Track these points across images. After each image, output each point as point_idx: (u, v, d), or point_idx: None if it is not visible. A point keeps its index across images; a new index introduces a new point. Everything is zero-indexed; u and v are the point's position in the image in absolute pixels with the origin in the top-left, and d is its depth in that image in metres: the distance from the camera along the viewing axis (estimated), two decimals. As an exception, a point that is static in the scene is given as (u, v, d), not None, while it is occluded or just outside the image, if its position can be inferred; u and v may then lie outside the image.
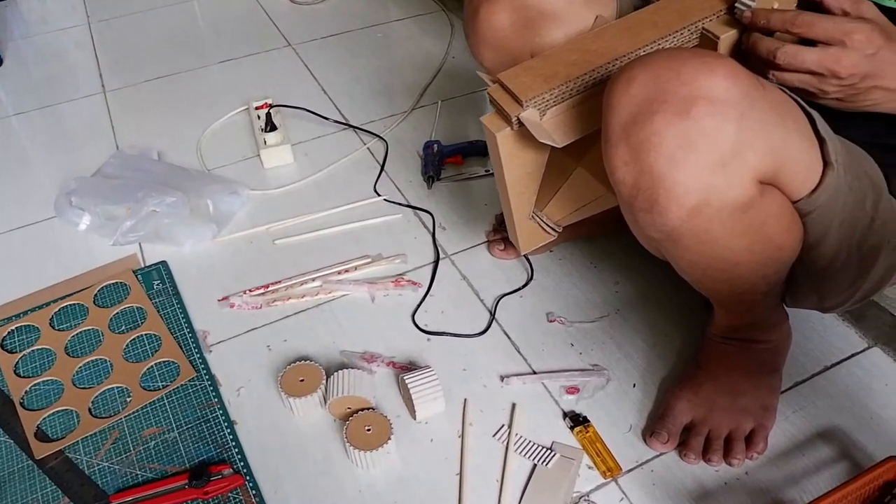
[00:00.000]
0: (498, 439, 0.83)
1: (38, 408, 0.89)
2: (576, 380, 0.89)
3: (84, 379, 0.92)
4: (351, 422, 0.81)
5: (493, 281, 1.02)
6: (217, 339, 0.96)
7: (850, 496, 0.66)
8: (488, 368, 0.91)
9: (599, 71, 0.69)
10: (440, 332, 0.95)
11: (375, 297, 1.00)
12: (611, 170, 0.61)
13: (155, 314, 0.99)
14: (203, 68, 1.57)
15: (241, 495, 0.79)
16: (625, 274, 1.02)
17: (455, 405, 0.87)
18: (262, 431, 0.86)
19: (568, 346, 0.93)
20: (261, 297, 1.01)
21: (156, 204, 1.03)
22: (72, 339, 0.97)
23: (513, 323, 0.96)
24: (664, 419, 0.82)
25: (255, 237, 1.12)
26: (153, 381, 0.91)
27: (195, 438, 0.85)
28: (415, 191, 1.18)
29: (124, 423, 0.87)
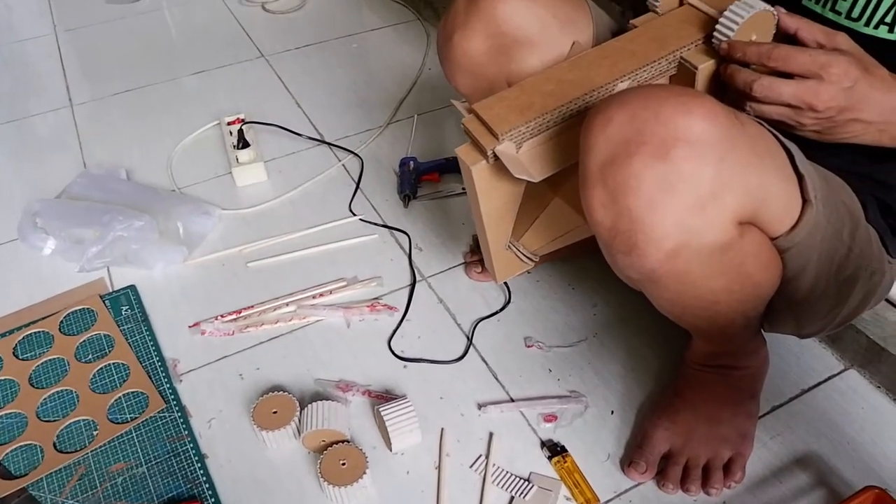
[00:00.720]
0: (475, 470, 0.82)
1: (1, 443, 0.86)
2: (554, 407, 0.88)
3: (49, 411, 0.89)
4: (325, 456, 0.80)
5: (471, 304, 1.01)
6: (188, 367, 0.94)
7: (829, 531, 0.66)
8: (465, 396, 0.90)
9: (576, 102, 0.68)
10: (417, 359, 0.93)
11: (351, 322, 0.98)
12: (588, 211, 0.59)
13: (123, 342, 0.96)
14: (174, 80, 1.54)
15: (213, 533, 0.77)
16: (602, 296, 1.01)
17: (432, 435, 0.85)
18: (234, 465, 0.84)
19: (546, 372, 0.92)
20: (233, 324, 0.98)
21: (123, 228, 1.00)
22: (36, 369, 0.94)
23: (490, 348, 0.95)
24: (642, 448, 0.81)
25: (228, 259, 1.09)
26: (121, 413, 0.88)
27: (164, 473, 0.82)
28: (391, 209, 1.17)
29: (91, 458, 0.84)
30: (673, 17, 0.74)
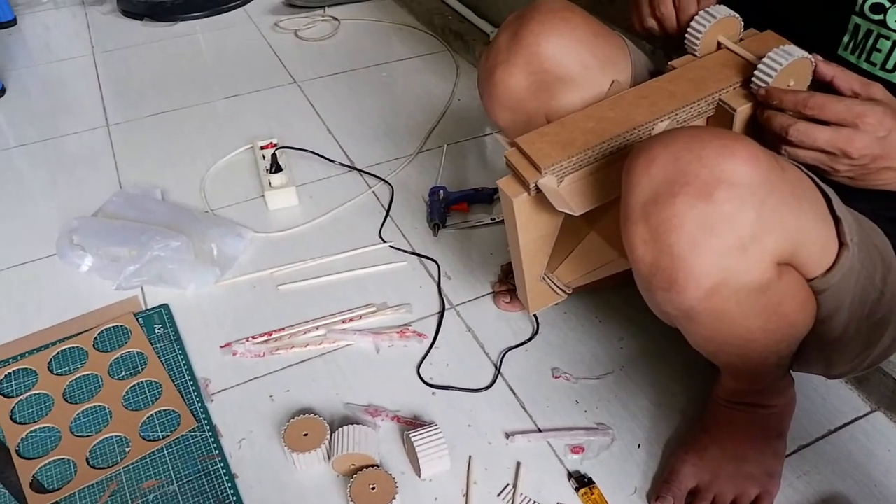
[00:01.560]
0: (503, 499, 0.83)
1: (35, 456, 0.87)
2: (581, 438, 0.88)
3: (82, 427, 0.90)
4: (355, 480, 0.80)
5: (499, 333, 1.02)
6: (219, 387, 0.96)
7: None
8: (493, 425, 0.90)
9: (617, 139, 0.70)
10: (445, 386, 0.94)
11: (380, 347, 1.00)
12: (629, 247, 0.61)
13: (156, 360, 0.98)
14: (207, 104, 1.58)
15: (242, 554, 0.78)
16: (629, 329, 1.02)
17: (460, 462, 0.86)
18: (263, 486, 0.85)
19: (573, 404, 0.93)
20: (264, 345, 1.00)
21: (160, 248, 1.02)
22: (70, 385, 0.95)
23: (518, 378, 0.96)
24: (669, 483, 0.82)
25: (259, 281, 1.11)
26: (153, 431, 0.90)
27: (195, 492, 0.83)
28: (420, 237, 1.18)
29: (123, 474, 0.85)
30: (711, 60, 0.76)
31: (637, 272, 0.62)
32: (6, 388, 0.95)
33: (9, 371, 0.97)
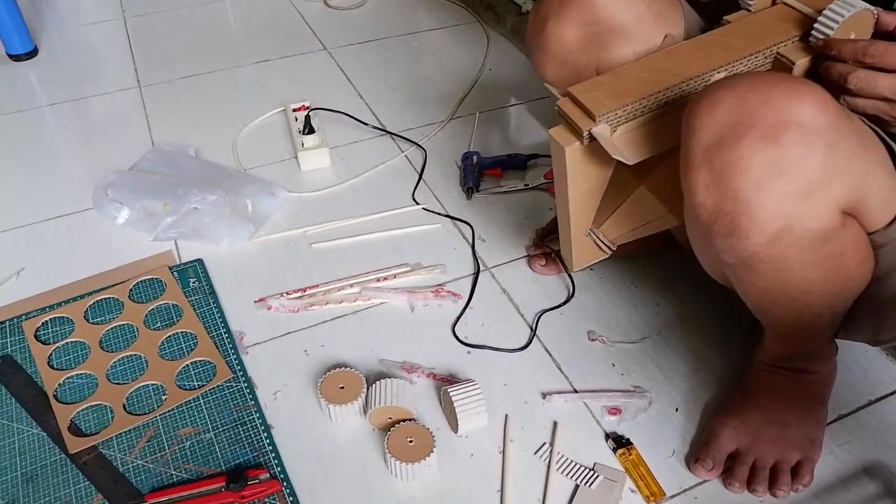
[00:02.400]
0: (539, 457, 0.82)
1: (72, 401, 0.87)
2: (618, 400, 0.87)
3: (119, 374, 0.90)
4: (392, 433, 0.80)
5: (533, 296, 1.01)
6: (253, 340, 0.95)
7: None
8: (529, 385, 0.89)
9: (672, 90, 0.68)
10: (481, 346, 0.93)
11: (415, 306, 0.99)
12: (690, 193, 0.59)
13: (191, 312, 0.97)
14: (237, 68, 1.56)
15: (278, 501, 0.77)
16: (665, 296, 1.00)
17: (496, 420, 0.85)
18: (298, 437, 0.84)
19: (609, 366, 0.91)
20: (298, 301, 0.99)
21: (197, 201, 1.02)
22: (106, 334, 0.95)
23: (553, 340, 0.95)
24: (709, 446, 0.80)
25: (292, 239, 1.10)
26: (189, 381, 0.89)
27: (231, 441, 0.83)
28: (453, 201, 1.17)
29: (159, 421, 0.85)
30: (768, 14, 0.74)
31: (696, 219, 0.61)
32: (43, 336, 0.95)
33: (45, 319, 0.97)
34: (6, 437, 0.84)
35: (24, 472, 0.80)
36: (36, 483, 0.79)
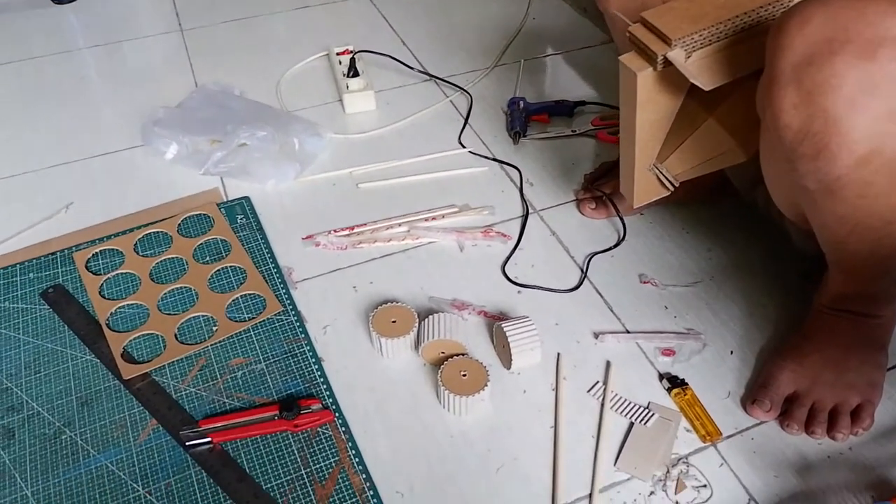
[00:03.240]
0: (593, 395, 0.80)
1: (124, 330, 0.86)
2: (671, 342, 0.85)
3: (169, 305, 0.89)
4: (446, 365, 0.78)
5: (583, 239, 0.98)
6: (302, 276, 0.93)
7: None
8: (580, 325, 0.87)
9: (750, 15, 0.64)
10: (531, 286, 0.91)
11: (464, 246, 0.96)
12: (775, 114, 0.56)
13: (239, 247, 0.96)
14: (277, 14, 1.53)
15: (331, 431, 0.76)
16: (718, 242, 0.97)
17: (547, 359, 0.83)
18: (349, 371, 0.83)
19: (662, 309, 0.89)
20: (346, 239, 0.97)
21: (247, 137, 1.00)
22: (156, 266, 0.94)
23: (604, 282, 0.92)
24: (766, 388, 0.78)
25: (338, 180, 1.08)
26: (239, 313, 0.88)
27: (283, 372, 0.82)
28: (500, 145, 1.14)
29: (211, 351, 0.84)
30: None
31: (782, 140, 0.57)
32: (94, 267, 0.94)
33: (96, 251, 0.96)
34: (60, 362, 0.83)
35: (79, 396, 0.80)
36: (91, 407, 0.79)
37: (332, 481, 0.72)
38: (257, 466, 0.73)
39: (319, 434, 0.76)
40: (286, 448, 0.75)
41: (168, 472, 0.73)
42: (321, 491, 0.71)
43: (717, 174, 0.96)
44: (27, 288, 0.92)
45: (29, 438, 0.76)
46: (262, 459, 0.74)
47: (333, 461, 0.74)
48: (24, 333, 0.86)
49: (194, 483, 0.72)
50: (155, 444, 0.75)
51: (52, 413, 0.78)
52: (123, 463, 0.74)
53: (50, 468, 0.74)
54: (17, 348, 0.85)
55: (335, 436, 0.76)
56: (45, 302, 0.90)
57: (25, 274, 0.93)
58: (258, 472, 0.73)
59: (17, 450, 0.75)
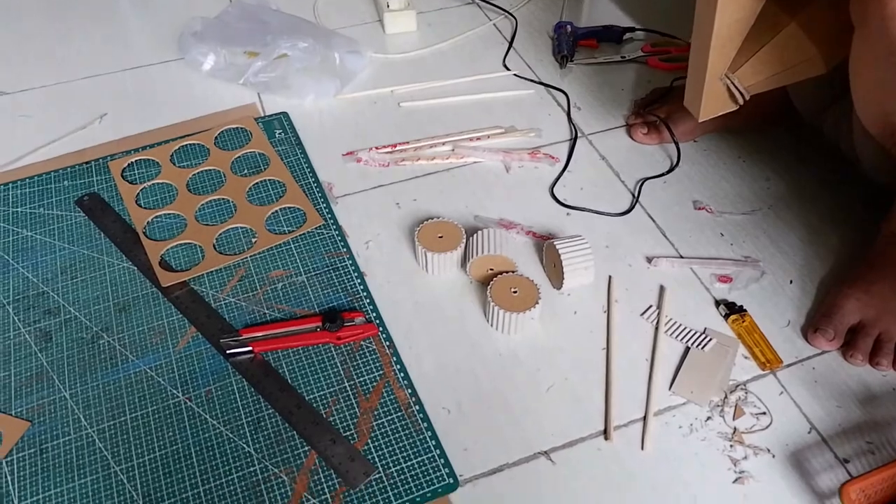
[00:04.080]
0: (646, 319, 0.75)
1: (162, 239, 0.82)
2: (728, 269, 0.80)
3: (207, 216, 0.85)
4: (496, 281, 0.74)
5: (634, 164, 0.92)
6: (343, 192, 0.89)
7: None
8: (632, 249, 0.82)
9: None
10: (581, 208, 0.86)
11: (510, 167, 0.91)
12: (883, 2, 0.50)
13: (278, 161, 0.91)
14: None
15: (375, 345, 0.72)
16: (775, 171, 0.91)
17: (599, 281, 0.78)
18: (392, 286, 0.78)
19: (717, 236, 0.84)
20: (388, 156, 0.92)
21: (288, 47, 0.94)
22: (193, 177, 0.89)
23: (657, 207, 0.87)
24: (830, 317, 0.73)
25: (379, 98, 1.02)
26: (279, 226, 0.84)
27: (324, 285, 0.78)
28: (546, 70, 1.08)
29: (250, 262, 0.80)
30: None
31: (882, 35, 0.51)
32: (130, 177, 0.90)
33: (131, 161, 0.91)
34: (97, 268, 0.79)
35: (116, 302, 0.76)
36: (128, 313, 0.75)
37: (376, 395, 0.69)
38: (299, 378, 0.70)
39: (363, 348, 0.72)
40: (329, 360, 0.71)
41: (208, 380, 0.70)
42: (365, 404, 0.68)
43: (779, 99, 0.90)
44: (62, 195, 0.88)
45: (66, 342, 0.73)
46: (303, 371, 0.70)
47: (378, 375, 0.70)
48: (59, 239, 0.82)
49: (235, 391, 0.69)
50: (194, 351, 0.72)
51: (90, 318, 0.75)
52: (162, 369, 0.70)
53: (88, 371, 0.70)
54: (52, 254, 0.81)
55: (379, 350, 0.72)
56: (79, 209, 0.86)
57: (60, 182, 0.89)
58: (300, 383, 0.69)
59: (54, 352, 0.72)
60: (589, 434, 0.66)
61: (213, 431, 0.66)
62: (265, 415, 0.67)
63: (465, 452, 0.65)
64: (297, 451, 0.65)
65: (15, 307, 0.76)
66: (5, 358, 0.72)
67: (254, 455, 0.64)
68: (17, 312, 0.75)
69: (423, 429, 0.66)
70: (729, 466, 0.64)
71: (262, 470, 0.63)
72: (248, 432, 0.66)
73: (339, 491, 0.62)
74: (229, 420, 0.67)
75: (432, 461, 0.64)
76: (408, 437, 0.65)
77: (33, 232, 0.83)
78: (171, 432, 0.66)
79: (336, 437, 0.65)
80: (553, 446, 0.66)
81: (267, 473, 0.63)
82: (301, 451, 0.65)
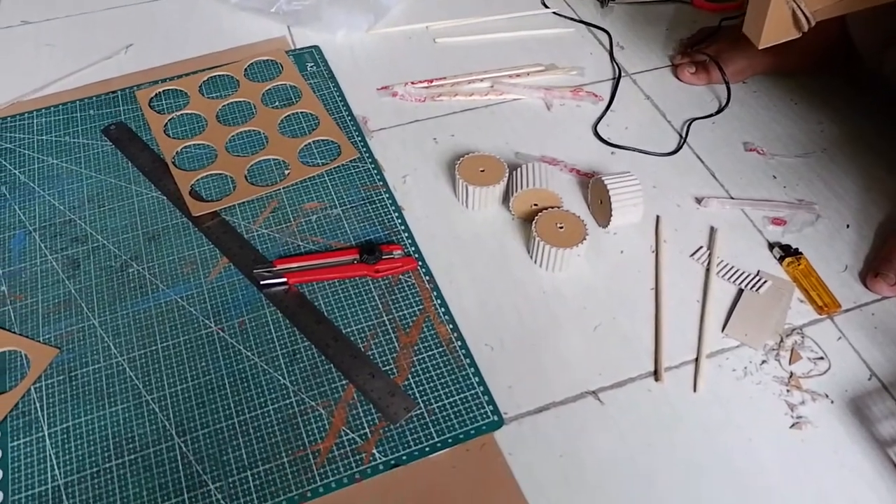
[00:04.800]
0: (697, 260, 0.71)
1: (191, 169, 0.78)
2: (782, 211, 0.75)
3: (238, 147, 0.81)
4: (541, 216, 0.69)
5: (681, 104, 0.87)
6: (378, 126, 0.84)
7: None
8: (680, 189, 0.77)
9: None
10: (627, 147, 0.81)
11: (552, 104, 0.86)
12: None
13: (310, 94, 0.87)
14: None
15: (414, 279, 0.68)
16: (829, 115, 0.86)
17: (646, 221, 0.74)
18: (431, 221, 0.74)
19: (770, 178, 0.79)
20: (425, 90, 0.87)
21: (321, -26, 0.89)
22: (223, 108, 0.85)
23: (705, 147, 0.82)
24: (891, 261, 0.68)
25: (414, 33, 0.97)
26: (312, 158, 0.79)
27: (360, 218, 0.74)
28: (586, 8, 1.02)
29: (283, 193, 0.76)
30: None
31: None
32: (157, 106, 0.85)
33: (159, 91, 0.87)
34: (125, 197, 0.75)
35: (146, 231, 0.72)
36: (158, 242, 0.71)
37: (416, 329, 0.65)
38: (336, 311, 0.66)
39: (401, 282, 0.68)
40: (366, 294, 0.67)
41: (241, 311, 0.66)
42: (405, 338, 0.64)
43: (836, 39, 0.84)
44: (88, 124, 0.83)
45: (94, 270, 0.69)
46: (340, 304, 0.66)
47: (417, 310, 0.66)
48: (86, 168, 0.78)
49: (269, 322, 0.65)
50: (227, 282, 0.68)
51: (118, 246, 0.71)
52: (194, 299, 0.67)
53: (117, 299, 0.67)
54: (79, 182, 0.77)
55: (419, 284, 0.68)
56: (106, 138, 0.82)
57: (86, 110, 0.85)
58: (336, 316, 0.66)
59: (82, 280, 0.68)
60: (638, 375, 0.63)
61: (248, 363, 0.62)
62: (301, 347, 0.63)
63: (510, 390, 0.61)
64: (334, 384, 0.61)
65: (42, 234, 0.72)
66: (32, 284, 0.68)
67: (289, 387, 0.61)
68: (44, 239, 0.72)
69: (466, 365, 0.62)
70: (785, 411, 0.60)
71: (299, 402, 0.60)
72: (283, 364, 0.62)
73: (379, 426, 0.59)
74: (264, 352, 0.63)
75: (475, 398, 0.60)
76: (450, 374, 0.62)
77: (59, 160, 0.79)
78: (203, 363, 0.62)
79: (375, 371, 0.62)
80: (601, 386, 0.62)
81: (304, 406, 0.60)
82: (339, 385, 0.61)
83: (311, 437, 0.58)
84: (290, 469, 0.56)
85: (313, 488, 0.56)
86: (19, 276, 0.69)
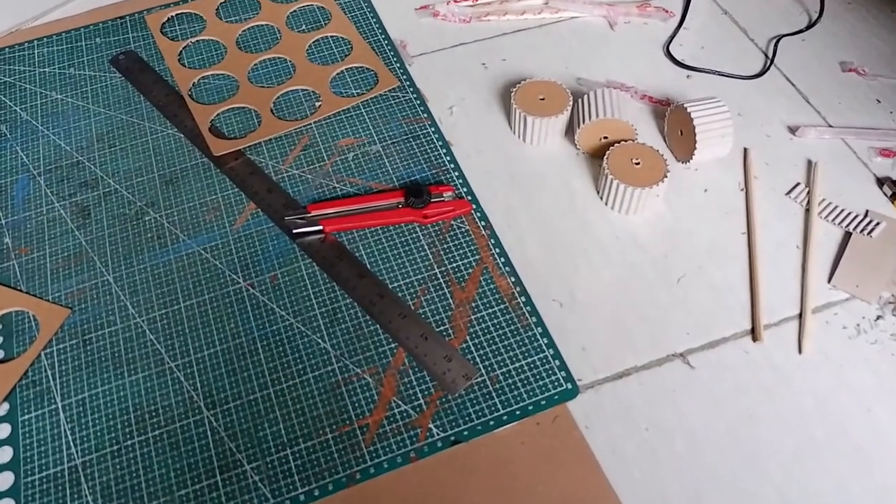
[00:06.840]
0: (794, 199, 0.60)
1: (210, 102, 0.67)
2: (891, 141, 0.63)
3: (261, 77, 0.70)
4: (614, 150, 0.58)
5: (765, 19, 0.74)
6: (419, 50, 0.72)
7: None
8: (770, 116, 0.65)
9: None
10: (705, 69, 0.69)
11: (616, 22, 0.74)
12: None
13: (341, 15, 0.75)
14: None
15: (468, 225, 0.58)
16: (937, 28, 0.73)
17: (731, 154, 0.62)
18: (484, 157, 0.63)
19: (873, 102, 0.66)
20: (470, 9, 0.75)
21: None
22: (243, 34, 0.74)
23: (796, 68, 0.69)
24: None
25: (454, -55, 0.84)
26: (346, 88, 0.68)
27: (403, 155, 0.63)
28: (648, -88, 0.88)
29: (314, 128, 0.65)
30: None
31: None
32: (171, 32, 0.74)
33: (171, 14, 0.75)
34: (138, 136, 0.65)
35: (162, 174, 0.63)
36: (176, 186, 0.62)
37: (473, 283, 0.55)
38: (379, 262, 0.56)
39: (454, 228, 0.58)
40: (414, 243, 0.57)
41: (273, 264, 0.57)
42: (461, 294, 0.54)
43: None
44: (94, 54, 0.73)
45: (107, 218, 0.60)
46: (384, 255, 0.57)
47: (474, 260, 0.56)
48: (93, 103, 0.68)
49: (305, 277, 0.56)
50: (255, 230, 0.59)
51: (132, 191, 0.62)
52: (219, 250, 0.57)
53: (133, 252, 0.58)
54: (86, 119, 0.67)
55: (473, 231, 0.58)
56: (115, 69, 0.71)
57: (91, 39, 0.74)
58: (381, 268, 0.56)
59: (94, 230, 0.59)
60: (733, 334, 0.53)
61: (283, 323, 0.53)
62: (342, 305, 0.54)
63: (584, 353, 0.52)
64: (381, 348, 0.52)
65: (47, 179, 0.63)
66: (39, 236, 0.59)
67: (331, 352, 0.52)
68: (50, 185, 0.62)
69: (532, 324, 0.53)
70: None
71: (342, 369, 0.51)
72: (322, 325, 0.53)
73: (435, 396, 0.50)
74: (300, 311, 0.54)
75: (545, 363, 0.51)
76: (514, 334, 0.52)
77: (64, 94, 0.69)
78: (232, 324, 0.54)
79: (428, 332, 0.52)
80: (690, 347, 0.52)
81: (348, 374, 0.51)
82: (387, 349, 0.52)
83: (357, 409, 0.49)
84: (335, 447, 0.48)
85: (363, 469, 0.47)
86: (24, 226, 0.60)
